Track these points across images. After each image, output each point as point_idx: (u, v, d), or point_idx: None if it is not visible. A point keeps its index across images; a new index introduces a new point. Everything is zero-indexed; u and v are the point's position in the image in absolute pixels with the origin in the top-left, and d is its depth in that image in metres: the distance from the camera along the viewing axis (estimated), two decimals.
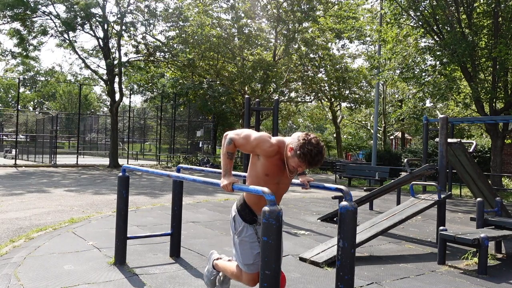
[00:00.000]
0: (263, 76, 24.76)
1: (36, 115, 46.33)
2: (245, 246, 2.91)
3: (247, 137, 2.81)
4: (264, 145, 2.74)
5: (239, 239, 2.94)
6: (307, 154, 2.63)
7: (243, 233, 2.92)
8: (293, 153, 2.70)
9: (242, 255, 2.92)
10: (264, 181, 2.81)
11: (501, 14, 12.76)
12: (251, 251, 2.89)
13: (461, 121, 16.32)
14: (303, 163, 2.67)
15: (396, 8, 14.11)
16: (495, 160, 13.24)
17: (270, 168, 2.81)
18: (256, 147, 2.76)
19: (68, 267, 4.09)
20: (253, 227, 2.90)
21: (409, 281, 4.18)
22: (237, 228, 2.94)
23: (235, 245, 3.00)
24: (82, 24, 20.18)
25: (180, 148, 31.86)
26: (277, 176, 2.85)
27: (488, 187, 6.98)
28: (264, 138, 2.77)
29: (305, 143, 2.65)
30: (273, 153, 2.77)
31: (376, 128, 18.62)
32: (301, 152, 2.65)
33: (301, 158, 2.66)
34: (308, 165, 2.68)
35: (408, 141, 35.37)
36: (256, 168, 2.86)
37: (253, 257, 2.88)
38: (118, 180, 4.20)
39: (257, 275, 2.92)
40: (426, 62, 14.97)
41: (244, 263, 2.92)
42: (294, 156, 2.69)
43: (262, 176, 2.82)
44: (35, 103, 60.40)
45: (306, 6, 24.71)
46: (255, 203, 2.91)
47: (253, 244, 2.88)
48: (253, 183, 2.85)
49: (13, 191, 10.41)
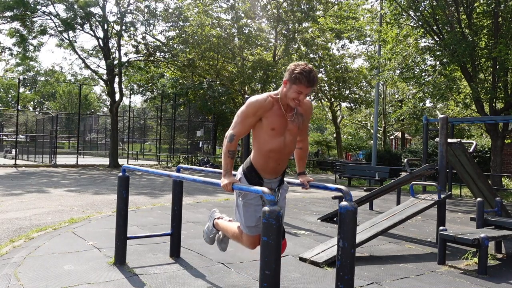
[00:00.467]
0: (263, 76, 24.75)
1: (36, 115, 46.35)
2: (250, 208, 2.93)
3: (242, 113, 2.91)
4: (260, 103, 2.85)
5: (244, 201, 2.96)
6: (301, 72, 2.75)
7: (248, 195, 2.94)
8: (289, 83, 2.81)
9: (245, 217, 2.94)
10: (270, 136, 2.87)
11: (501, 14, 12.76)
12: (255, 213, 2.92)
13: (461, 121, 16.32)
14: (301, 84, 2.76)
15: (396, 8, 14.11)
16: (495, 160, 13.24)
17: (274, 120, 2.86)
18: (257, 110, 2.85)
19: (68, 267, 4.09)
20: None
21: (409, 281, 4.18)
22: None
23: (238, 207, 3.02)
24: (82, 24, 20.18)
25: (180, 148, 31.86)
26: (283, 127, 2.90)
27: (488, 187, 6.98)
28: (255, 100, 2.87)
29: (295, 67, 2.79)
30: (271, 103, 2.86)
31: (376, 128, 18.62)
32: (296, 74, 2.76)
33: (298, 80, 2.75)
34: (307, 84, 2.76)
35: (408, 141, 35.38)
36: (261, 131, 2.91)
37: (256, 219, 2.90)
38: (118, 180, 4.20)
39: (257, 238, 2.95)
40: (426, 62, 14.97)
41: (247, 225, 2.94)
42: (291, 84, 2.79)
43: (268, 131, 2.88)
44: (35, 103, 60.41)
45: (306, 6, 24.71)
46: (261, 166, 2.96)
47: (258, 207, 2.91)
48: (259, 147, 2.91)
49: (13, 191, 10.41)
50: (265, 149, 2.92)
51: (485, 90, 12.70)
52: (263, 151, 2.93)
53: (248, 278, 3.98)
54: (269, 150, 2.91)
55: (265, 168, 2.95)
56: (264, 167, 2.95)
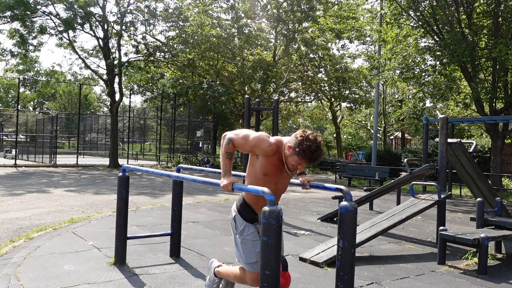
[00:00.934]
0: (263, 76, 24.75)
1: (36, 115, 46.35)
2: (247, 244, 2.91)
3: (246, 137, 2.82)
4: (263, 144, 2.75)
5: (241, 238, 2.94)
6: (306, 150, 2.64)
7: (245, 232, 2.92)
8: (291, 151, 2.71)
9: (245, 254, 2.92)
10: (262, 181, 2.81)
11: (501, 14, 12.76)
12: (253, 249, 2.89)
13: (461, 121, 16.32)
14: (303, 159, 2.68)
15: (396, 8, 14.11)
16: (495, 160, 13.24)
17: (268, 168, 2.81)
18: (255, 147, 2.77)
19: (68, 267, 4.09)
20: (254, 225, 2.91)
21: (409, 281, 4.18)
22: (238, 227, 2.94)
23: (237, 245, 3.00)
24: (82, 23, 20.18)
25: (180, 148, 31.86)
26: (276, 176, 2.85)
27: (488, 187, 6.98)
28: (262, 137, 2.78)
29: (303, 139, 2.66)
30: (272, 152, 2.78)
31: (376, 128, 18.62)
32: (300, 149, 2.66)
33: (301, 155, 2.66)
34: (308, 161, 2.69)
35: (408, 141, 35.38)
36: (255, 168, 2.86)
37: (256, 255, 2.88)
38: (118, 180, 4.20)
39: None
40: (426, 62, 14.97)
41: (247, 262, 2.92)
42: (293, 154, 2.70)
43: (260, 176, 2.83)
44: (35, 103, 60.40)
45: (306, 6, 24.71)
46: (255, 202, 2.92)
47: (255, 243, 2.88)
48: (252, 183, 2.85)
49: (13, 191, 10.41)
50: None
51: (485, 90, 12.70)
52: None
53: None
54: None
55: (257, 204, 2.92)
56: (257, 204, 2.93)
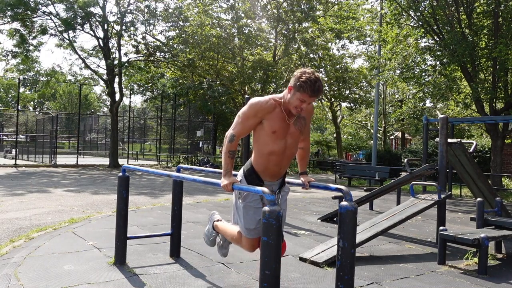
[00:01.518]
0: (263, 76, 24.75)
1: (36, 115, 46.34)
2: (249, 211, 2.92)
3: (243, 114, 2.87)
4: (262, 105, 2.81)
5: (244, 203, 2.94)
6: (306, 81, 2.68)
7: (249, 197, 2.93)
8: (293, 90, 2.75)
9: (245, 219, 2.93)
10: (272, 139, 2.84)
11: (501, 14, 12.76)
12: (254, 216, 2.90)
13: (461, 121, 16.32)
14: (305, 93, 2.70)
15: (396, 8, 14.11)
16: (495, 160, 13.24)
17: (275, 123, 2.83)
18: (257, 112, 2.81)
19: (68, 267, 4.09)
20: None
21: (409, 281, 4.18)
22: (242, 192, 2.94)
23: (238, 209, 3.01)
24: (82, 23, 20.18)
25: (180, 148, 31.85)
26: (284, 131, 2.87)
27: (488, 187, 6.98)
28: (255, 101, 2.84)
29: (301, 74, 2.73)
30: (272, 106, 2.83)
31: (376, 128, 18.62)
32: (301, 82, 2.69)
33: (302, 88, 2.69)
34: (311, 93, 2.70)
35: (408, 141, 35.38)
36: (262, 134, 2.88)
37: (255, 222, 2.89)
38: (118, 180, 4.20)
39: (257, 241, 2.94)
40: (426, 62, 14.97)
41: (246, 227, 2.93)
42: (295, 92, 2.74)
43: (269, 134, 2.85)
44: (35, 103, 60.41)
45: (306, 6, 24.71)
46: (262, 170, 2.94)
47: (257, 210, 2.89)
48: (260, 149, 2.88)
49: (13, 191, 10.41)
50: (266, 151, 2.90)
51: (485, 90, 12.70)
52: (264, 153, 2.91)
53: (248, 278, 3.98)
54: (270, 153, 2.89)
55: (265, 170, 2.93)
56: (265, 170, 2.93)
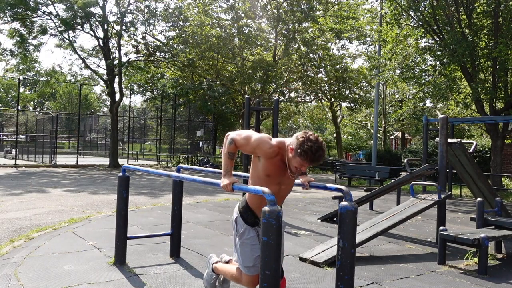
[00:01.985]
0: (263, 76, 24.75)
1: (36, 115, 46.33)
2: (246, 248, 2.91)
3: (248, 138, 2.81)
4: (264, 146, 2.74)
5: (240, 241, 2.94)
6: (307, 151, 2.63)
7: (245, 235, 2.92)
8: (294, 153, 2.70)
9: (243, 257, 2.92)
10: (265, 182, 2.81)
11: (501, 14, 12.76)
12: (251, 253, 2.89)
13: (461, 121, 16.33)
14: (305, 160, 2.67)
15: (396, 8, 14.11)
16: (495, 160, 13.24)
17: (271, 169, 2.80)
18: (256, 148, 2.76)
19: (68, 267, 4.09)
20: (255, 229, 2.90)
21: (409, 281, 4.18)
22: (239, 230, 2.94)
23: (236, 247, 3.00)
24: (82, 23, 20.18)
25: (180, 148, 31.85)
26: (279, 177, 2.84)
27: (488, 187, 6.98)
28: (264, 139, 2.77)
29: (304, 140, 2.66)
30: (273, 154, 2.77)
31: (376, 128, 18.62)
32: (301, 150, 2.65)
33: (303, 156, 2.65)
34: (310, 162, 2.68)
35: (408, 141, 35.38)
36: (258, 169, 2.85)
37: (253, 259, 2.88)
38: (118, 180, 4.20)
39: (256, 278, 2.92)
40: (426, 62, 14.97)
41: (244, 265, 2.92)
42: (296, 156, 2.69)
43: (263, 177, 2.82)
44: (35, 103, 60.40)
45: (306, 6, 24.71)
46: (257, 206, 2.90)
47: (254, 247, 2.88)
48: (255, 184, 2.84)
49: (13, 191, 10.41)
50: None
51: (485, 90, 12.70)
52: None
53: None
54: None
55: (259, 208, 2.88)
56: (259, 208, 2.89)
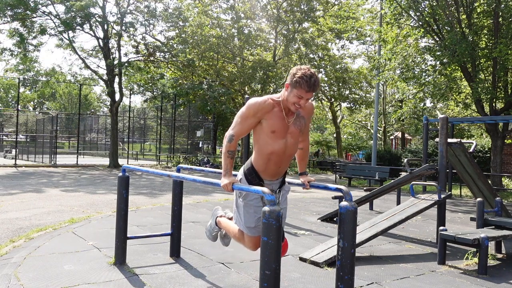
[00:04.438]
0: (263, 76, 24.76)
1: (36, 115, 46.33)
2: (250, 209, 2.94)
3: (242, 114, 2.89)
4: (260, 105, 2.83)
5: (244, 202, 2.96)
6: (302, 77, 2.73)
7: (249, 196, 2.95)
8: (290, 87, 2.79)
9: (245, 218, 2.95)
10: (271, 139, 2.86)
11: (501, 14, 12.76)
12: (254, 214, 2.93)
13: (461, 121, 16.33)
14: (302, 88, 2.74)
15: (396, 8, 14.11)
16: (495, 160, 13.24)
17: (274, 122, 2.85)
18: (256, 112, 2.83)
19: (68, 267, 4.09)
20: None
21: (409, 281, 4.18)
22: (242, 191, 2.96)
23: (238, 208, 3.03)
24: (82, 24, 20.17)
25: (180, 148, 31.84)
26: (284, 130, 2.88)
27: (488, 187, 6.98)
28: (254, 101, 2.86)
29: (296, 71, 2.78)
30: (271, 106, 2.85)
31: (376, 128, 18.63)
32: (297, 78, 2.74)
33: (299, 83, 2.74)
34: (307, 88, 2.74)
35: (408, 141, 35.37)
36: (262, 133, 2.89)
37: (255, 220, 2.92)
38: (118, 180, 4.20)
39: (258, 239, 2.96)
40: (426, 62, 14.98)
41: (246, 225, 2.95)
42: (292, 88, 2.78)
43: (269, 134, 2.86)
44: (35, 103, 60.41)
45: (305, 6, 24.72)
46: (263, 170, 2.95)
47: (258, 208, 2.91)
48: (261, 148, 2.89)
49: (13, 191, 10.40)
50: (266, 151, 2.90)
51: (485, 90, 12.71)
52: (264, 153, 2.91)
53: (248, 278, 3.98)
54: (270, 153, 2.90)
55: (265, 170, 2.94)
56: (265, 169, 2.94)
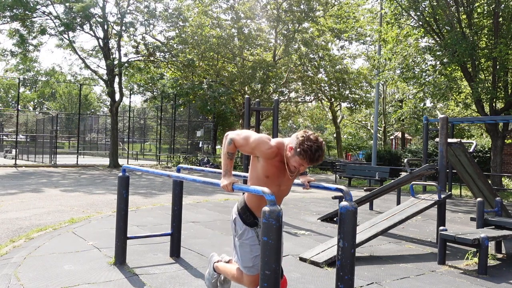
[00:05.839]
0: (263, 76, 24.76)
1: (36, 115, 46.33)
2: (246, 249, 2.91)
3: (247, 138, 2.80)
4: (263, 147, 2.73)
5: (240, 241, 2.94)
6: (307, 151, 2.62)
7: (244, 236, 2.91)
8: (293, 152, 2.69)
9: (242, 258, 2.92)
10: (265, 183, 2.79)
11: (501, 14, 12.76)
12: (250, 253, 2.89)
13: (461, 121, 16.33)
14: (304, 160, 2.65)
15: (397, 8, 14.11)
16: (495, 160, 13.24)
17: (270, 170, 2.79)
18: (255, 149, 2.75)
19: (68, 267, 4.09)
20: (254, 230, 2.89)
21: (409, 281, 4.18)
22: (238, 230, 2.93)
23: (236, 247, 3.00)
24: (82, 24, 20.17)
25: (180, 148, 31.85)
26: (278, 178, 2.84)
27: (488, 187, 6.98)
28: (263, 140, 2.75)
29: (304, 140, 2.64)
30: (273, 155, 2.76)
31: (376, 128, 18.63)
32: (301, 149, 2.63)
33: (302, 155, 2.64)
34: (310, 162, 2.67)
35: (408, 141, 35.37)
36: (257, 170, 2.84)
37: (252, 259, 2.88)
38: (118, 180, 4.20)
39: (257, 278, 2.92)
40: (426, 62, 14.97)
41: (244, 265, 2.92)
42: (295, 155, 2.68)
43: (262, 178, 2.81)
44: (35, 103, 60.40)
45: (305, 6, 24.72)
46: (256, 206, 2.90)
47: (253, 247, 2.88)
48: (254, 185, 2.83)
49: (13, 191, 10.41)
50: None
51: (485, 90, 12.71)
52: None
53: None
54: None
55: (258, 208, 2.89)
56: (258, 208, 2.89)
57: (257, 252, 2.81)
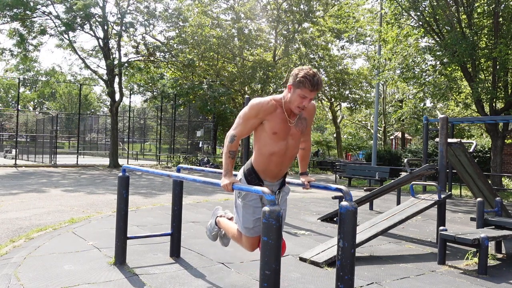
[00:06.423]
0: (263, 76, 24.76)
1: (36, 115, 46.33)
2: (248, 210, 2.93)
3: (244, 115, 2.88)
4: (263, 106, 2.82)
5: (243, 202, 2.96)
6: (305, 76, 2.73)
7: (248, 197, 2.94)
8: (293, 88, 2.79)
9: (244, 218, 2.94)
10: (273, 140, 2.85)
11: (501, 14, 12.77)
12: (253, 215, 2.92)
13: (461, 121, 16.33)
14: (306, 87, 2.74)
15: (397, 8, 14.11)
16: (495, 160, 13.24)
17: (276, 124, 2.84)
18: (258, 113, 2.82)
19: (68, 267, 4.09)
20: None
21: (409, 281, 4.18)
22: (242, 192, 2.95)
23: (237, 208, 3.02)
24: (82, 24, 20.17)
25: (180, 148, 31.84)
26: (285, 132, 2.88)
27: (488, 187, 6.98)
28: (256, 102, 2.84)
29: (298, 71, 2.78)
30: (273, 107, 2.84)
31: (376, 128, 18.63)
32: (299, 78, 2.74)
33: (302, 83, 2.73)
34: (311, 87, 2.74)
35: (408, 141, 35.37)
36: (263, 135, 2.88)
37: (254, 221, 2.91)
38: (118, 180, 4.20)
39: (256, 240, 2.95)
40: (426, 62, 14.98)
41: (244, 226, 2.95)
42: (295, 88, 2.77)
43: (270, 136, 2.86)
44: (35, 103, 60.41)
45: (305, 6, 24.71)
46: (263, 170, 2.94)
47: (257, 209, 2.91)
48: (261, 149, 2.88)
49: (13, 191, 10.41)
50: (266, 152, 2.89)
51: (485, 90, 12.71)
52: (264, 154, 2.90)
53: (248, 278, 3.98)
54: (270, 154, 2.89)
55: (266, 171, 2.93)
56: (265, 170, 2.93)
57: (259, 214, 2.83)
